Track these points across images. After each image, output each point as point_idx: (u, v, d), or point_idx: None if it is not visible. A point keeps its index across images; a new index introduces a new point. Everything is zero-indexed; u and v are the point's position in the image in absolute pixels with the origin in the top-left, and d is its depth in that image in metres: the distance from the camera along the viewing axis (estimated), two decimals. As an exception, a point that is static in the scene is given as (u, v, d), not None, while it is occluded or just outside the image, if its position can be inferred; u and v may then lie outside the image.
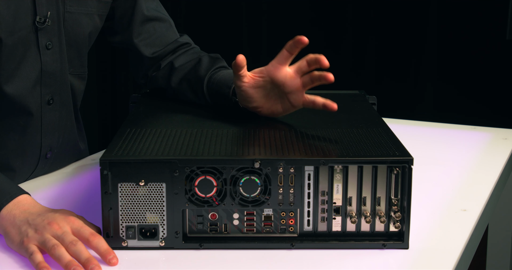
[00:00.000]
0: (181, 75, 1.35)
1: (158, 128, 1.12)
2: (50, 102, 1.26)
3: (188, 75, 1.34)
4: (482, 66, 2.76)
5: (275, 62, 1.13)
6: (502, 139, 1.58)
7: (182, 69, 1.35)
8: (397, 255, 0.98)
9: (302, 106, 1.16)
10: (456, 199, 1.20)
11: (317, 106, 1.14)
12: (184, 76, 1.35)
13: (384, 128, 1.13)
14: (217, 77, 1.28)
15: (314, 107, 1.14)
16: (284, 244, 1.00)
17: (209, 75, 1.30)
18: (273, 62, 1.13)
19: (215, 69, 1.32)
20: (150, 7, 1.38)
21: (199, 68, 1.33)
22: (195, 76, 1.32)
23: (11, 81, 1.19)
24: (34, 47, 1.21)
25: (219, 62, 1.34)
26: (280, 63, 1.13)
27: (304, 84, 1.13)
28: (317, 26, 2.92)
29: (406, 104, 2.87)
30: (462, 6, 2.74)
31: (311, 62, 1.11)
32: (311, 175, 0.98)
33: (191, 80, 1.33)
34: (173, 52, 1.39)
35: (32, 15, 1.19)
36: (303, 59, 1.12)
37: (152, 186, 0.97)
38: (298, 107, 1.16)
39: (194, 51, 1.40)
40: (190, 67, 1.35)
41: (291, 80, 1.13)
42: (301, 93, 1.14)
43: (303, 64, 1.12)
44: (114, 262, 0.94)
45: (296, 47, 1.10)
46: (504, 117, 2.67)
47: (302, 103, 1.15)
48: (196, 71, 1.33)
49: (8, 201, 1.02)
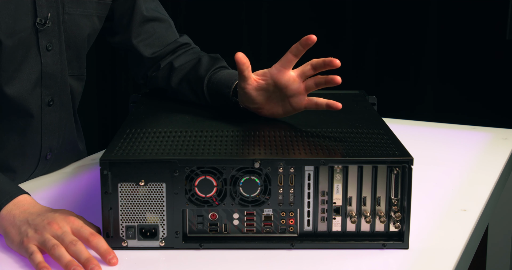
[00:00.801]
0: (181, 75, 1.35)
1: (158, 128, 1.12)
2: (50, 103, 1.26)
3: (187, 75, 1.34)
4: (482, 66, 2.76)
5: (278, 65, 1.13)
6: (502, 139, 1.58)
7: (182, 69, 1.36)
8: (397, 255, 0.98)
9: (303, 109, 1.16)
10: (456, 199, 1.20)
11: (320, 107, 1.14)
12: (184, 76, 1.35)
13: (384, 128, 1.13)
14: (217, 77, 1.28)
15: (317, 108, 1.14)
16: (284, 244, 1.00)
17: (209, 75, 1.30)
18: (277, 65, 1.13)
19: (215, 69, 1.32)
20: (149, 8, 1.38)
21: (199, 68, 1.33)
22: (195, 76, 1.32)
23: (11, 82, 1.19)
24: (34, 48, 1.21)
25: (219, 62, 1.34)
26: (284, 66, 1.12)
27: (307, 88, 1.13)
28: (317, 25, 2.92)
29: (406, 104, 2.87)
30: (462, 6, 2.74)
31: (317, 66, 1.10)
32: (311, 175, 0.98)
33: (191, 80, 1.33)
34: (173, 52, 1.39)
35: (33, 17, 1.19)
36: (308, 63, 1.12)
37: (152, 186, 0.97)
38: (299, 110, 1.16)
39: (193, 51, 1.40)
40: (189, 67, 1.35)
41: (294, 84, 1.13)
42: (303, 97, 1.14)
43: (307, 68, 1.12)
44: (114, 262, 0.94)
45: (303, 48, 1.10)
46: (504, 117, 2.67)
47: (304, 106, 1.15)
48: (196, 71, 1.33)
49: (8, 201, 1.02)
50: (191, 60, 1.36)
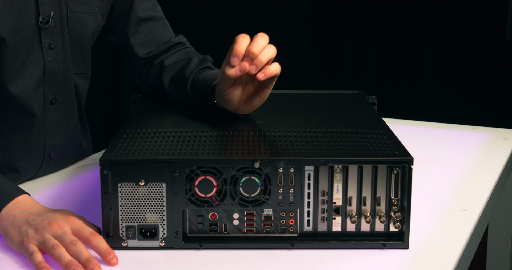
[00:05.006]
0: (171, 75, 1.35)
1: (158, 128, 1.12)
2: (53, 102, 1.26)
3: (175, 76, 1.34)
4: (482, 66, 2.76)
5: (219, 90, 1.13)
6: (502, 139, 1.58)
7: (172, 68, 1.35)
8: (397, 255, 0.98)
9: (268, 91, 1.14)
10: (456, 199, 1.20)
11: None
12: (172, 76, 1.34)
13: (384, 128, 1.13)
14: (200, 77, 1.28)
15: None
16: (284, 244, 1.00)
17: (193, 75, 1.30)
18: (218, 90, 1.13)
19: (199, 69, 1.31)
20: (146, 7, 1.38)
21: (186, 69, 1.32)
22: (181, 77, 1.32)
23: (15, 81, 1.19)
24: (37, 47, 1.21)
25: (205, 63, 1.33)
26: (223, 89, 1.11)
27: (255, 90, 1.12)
28: (318, 26, 2.92)
29: (406, 104, 2.87)
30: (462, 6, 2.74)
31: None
32: (311, 175, 0.98)
33: (177, 80, 1.33)
34: (166, 52, 1.39)
35: (35, 15, 1.19)
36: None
37: (152, 186, 0.97)
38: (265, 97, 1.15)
39: (186, 51, 1.40)
40: (179, 67, 1.35)
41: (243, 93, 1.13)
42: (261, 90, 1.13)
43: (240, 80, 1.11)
44: (114, 262, 0.94)
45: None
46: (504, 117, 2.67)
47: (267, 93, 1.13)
48: (183, 71, 1.33)
49: (8, 202, 1.02)
50: (181, 60, 1.36)
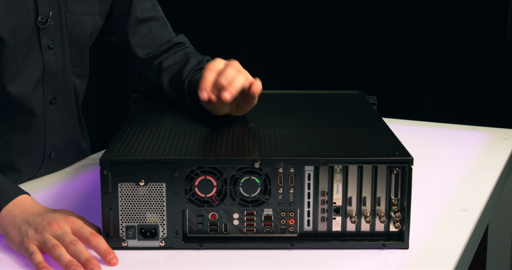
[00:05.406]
0: (169, 76, 1.35)
1: (158, 128, 1.12)
2: (52, 102, 1.26)
3: (174, 77, 1.34)
4: (482, 66, 2.76)
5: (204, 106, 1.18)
6: (502, 139, 1.58)
7: (170, 70, 1.35)
8: (397, 255, 0.98)
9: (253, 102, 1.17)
10: (456, 199, 1.20)
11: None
12: (171, 78, 1.34)
13: (384, 128, 1.13)
14: (195, 78, 1.28)
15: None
16: (284, 244, 1.00)
17: (189, 76, 1.30)
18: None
19: (196, 70, 1.32)
20: (145, 7, 1.38)
21: (184, 70, 1.32)
22: (179, 78, 1.32)
23: (14, 81, 1.19)
24: (36, 47, 1.21)
25: (201, 64, 1.33)
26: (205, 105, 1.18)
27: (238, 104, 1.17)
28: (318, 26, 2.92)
29: (406, 104, 2.87)
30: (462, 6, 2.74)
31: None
32: (311, 175, 0.98)
33: (175, 82, 1.33)
34: (166, 52, 1.39)
35: (34, 15, 1.19)
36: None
37: (152, 186, 0.97)
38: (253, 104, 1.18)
39: (185, 51, 1.39)
40: (177, 68, 1.34)
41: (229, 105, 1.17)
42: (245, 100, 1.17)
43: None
44: (114, 262, 0.94)
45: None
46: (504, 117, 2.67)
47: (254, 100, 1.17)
48: (180, 72, 1.33)
49: (8, 202, 1.02)
50: (179, 61, 1.36)
